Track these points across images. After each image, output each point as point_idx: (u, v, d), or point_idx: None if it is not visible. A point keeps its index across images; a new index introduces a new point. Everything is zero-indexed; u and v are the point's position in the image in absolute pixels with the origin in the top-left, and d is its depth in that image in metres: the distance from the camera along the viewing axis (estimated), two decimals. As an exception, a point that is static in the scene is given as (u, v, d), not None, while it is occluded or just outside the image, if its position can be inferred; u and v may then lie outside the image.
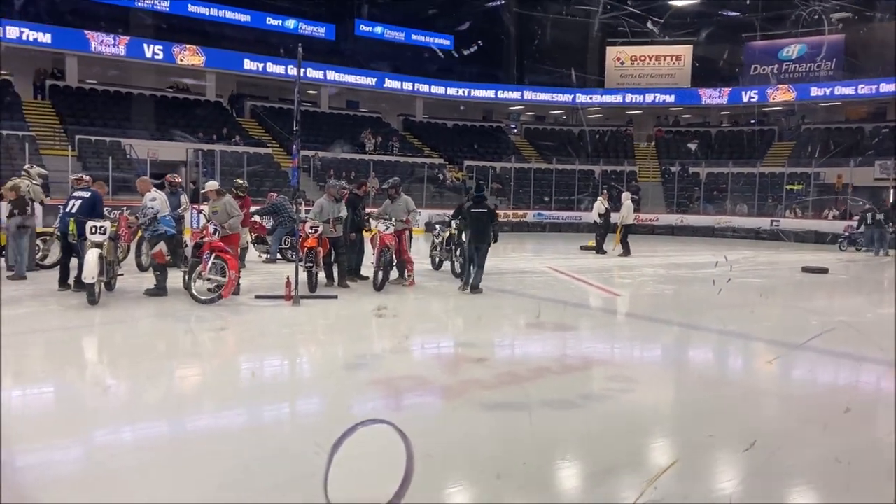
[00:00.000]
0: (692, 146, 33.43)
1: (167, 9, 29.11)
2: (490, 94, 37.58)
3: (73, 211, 8.76)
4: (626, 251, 16.68)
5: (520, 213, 29.76)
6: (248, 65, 31.17)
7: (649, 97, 37.56)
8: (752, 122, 38.57)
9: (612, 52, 37.88)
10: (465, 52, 34.65)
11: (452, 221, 11.24)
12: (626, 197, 17.50)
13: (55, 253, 10.82)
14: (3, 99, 25.68)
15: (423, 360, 6.65)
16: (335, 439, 1.65)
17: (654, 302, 10.63)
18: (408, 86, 35.56)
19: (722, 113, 39.26)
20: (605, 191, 19.77)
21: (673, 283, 12.80)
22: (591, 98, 38.26)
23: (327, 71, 32.70)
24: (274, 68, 31.37)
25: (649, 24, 34.60)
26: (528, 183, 31.87)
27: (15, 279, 9.67)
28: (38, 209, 11.45)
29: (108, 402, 4.98)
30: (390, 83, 35.09)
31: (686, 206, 31.52)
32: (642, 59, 37.92)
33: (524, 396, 5.09)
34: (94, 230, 8.15)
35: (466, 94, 37.19)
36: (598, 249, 17.30)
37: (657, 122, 39.30)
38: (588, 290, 11.40)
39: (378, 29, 34.28)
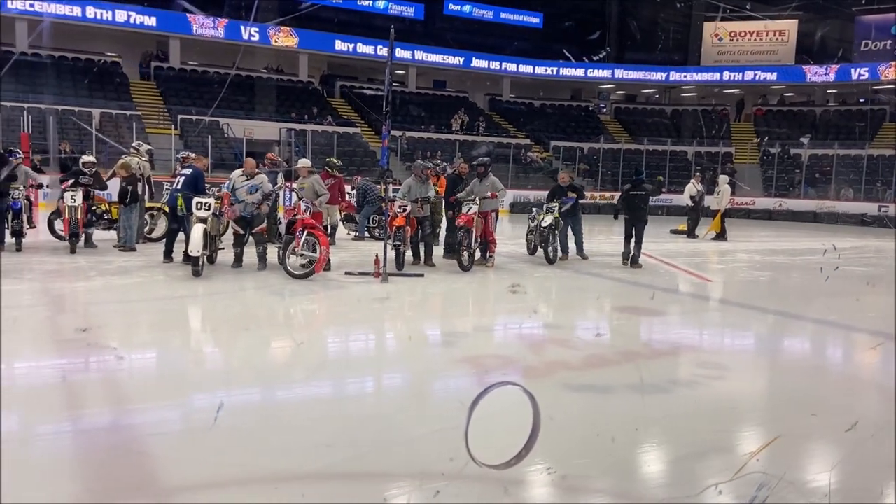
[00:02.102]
0: (804, 140, 31.51)
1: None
2: (579, 72, 36.78)
3: (179, 187, 9.27)
4: (723, 236, 16.10)
5: (608, 195, 29.12)
6: (340, 45, 31.74)
7: (749, 75, 35.77)
8: (861, 101, 36.12)
9: (709, 28, 36.26)
10: (555, 30, 34.01)
11: (547, 206, 10.90)
12: (723, 180, 16.83)
13: (161, 227, 11.48)
14: (112, 80, 27.29)
15: (508, 339, 6.68)
16: (473, 398, 1.83)
17: (749, 289, 10.24)
18: (495, 65, 35.30)
19: (828, 91, 36.97)
20: (698, 172, 19.08)
21: (770, 270, 12.26)
22: (685, 76, 36.84)
23: (415, 51, 32.89)
24: (364, 49, 31.82)
25: (751, -2, 32.89)
26: (616, 164, 31.14)
27: (125, 250, 10.33)
28: (146, 185, 12.12)
29: (211, 366, 5.28)
30: (477, 62, 34.92)
31: (786, 190, 30.00)
32: (742, 34, 36.12)
33: (611, 379, 5.05)
34: (199, 206, 8.58)
35: (555, 72, 36.54)
36: (690, 233, 16.77)
37: (757, 100, 37.45)
38: (678, 274, 11.10)
39: (467, 7, 34.14)
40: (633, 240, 10.79)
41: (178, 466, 3.40)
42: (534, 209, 11.32)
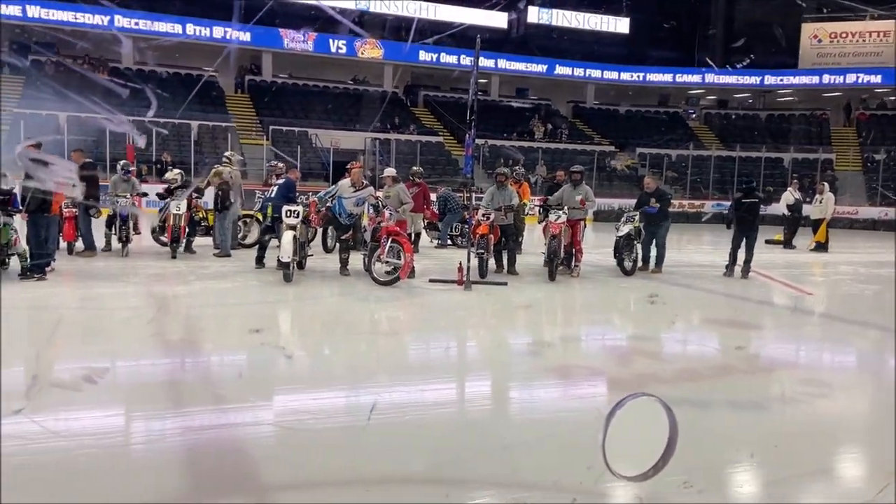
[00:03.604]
0: None
1: (353, 5, 30.71)
2: (667, 77, 35.86)
3: (271, 196, 9.64)
4: (824, 247, 15.28)
5: (697, 203, 28.23)
6: (423, 56, 32.22)
7: (850, 77, 33.90)
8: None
9: (808, 30, 34.63)
10: (642, 35, 33.30)
11: (627, 215, 10.59)
12: (826, 188, 15.99)
13: (254, 233, 11.92)
14: (210, 93, 28.67)
15: (595, 350, 6.56)
16: (609, 409, 1.85)
17: (852, 303, 9.66)
18: (579, 72, 34.92)
19: (940, 93, 34.57)
20: (796, 180, 18.20)
21: (875, 283, 11.53)
22: (781, 80, 35.31)
23: (498, 59, 32.97)
24: (447, 58, 32.16)
25: (854, -3, 31.18)
26: (706, 171, 30.12)
27: (220, 256, 10.79)
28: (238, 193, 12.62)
29: (301, 369, 5.42)
30: (561, 69, 34.65)
31: (893, 199, 28.19)
32: (843, 35, 34.30)
33: (705, 394, 4.86)
34: (289, 213, 8.87)
35: (641, 78, 35.77)
36: (787, 244, 16.00)
37: (859, 104, 35.41)
38: (775, 287, 10.60)
39: (551, 14, 33.91)
40: (741, 250, 10.50)
41: (273, 466, 3.50)
42: (621, 219, 10.97)
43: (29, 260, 8.22)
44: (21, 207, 8.23)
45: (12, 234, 8.21)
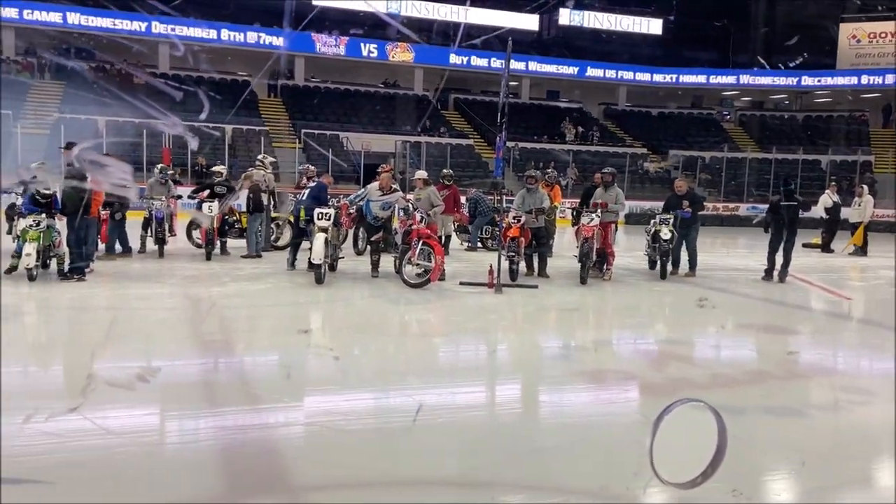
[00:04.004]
0: None
1: (383, 10, 30.93)
2: (700, 79, 35.38)
3: (303, 199, 9.74)
4: (863, 250, 14.93)
5: (731, 205, 27.78)
6: (454, 59, 32.26)
7: (889, 78, 33.03)
8: None
9: (846, 30, 33.90)
10: (675, 36, 32.92)
11: (661, 217, 10.42)
12: (865, 191, 15.62)
13: (286, 236, 12.04)
14: (242, 97, 29.05)
15: (627, 355, 6.49)
16: (657, 415, 1.85)
17: (892, 308, 9.40)
18: (611, 73, 34.64)
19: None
20: (833, 183, 17.82)
21: (917, 289, 11.22)
22: (819, 80, 34.59)
23: (529, 62, 32.87)
24: (478, 61, 32.17)
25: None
26: (741, 174, 29.63)
27: (249, 257, 10.91)
28: (271, 196, 12.75)
29: (332, 370, 5.45)
30: (593, 71, 34.42)
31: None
32: (883, 36, 33.49)
33: (742, 400, 4.78)
34: (320, 216, 8.94)
35: (674, 79, 35.34)
36: (825, 247, 15.65)
37: (899, 105, 34.54)
38: (812, 291, 10.38)
39: (582, 16, 33.70)
40: (778, 254, 10.28)
41: (306, 466, 3.53)
42: (651, 221, 10.81)
43: (68, 261, 8.43)
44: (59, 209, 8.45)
45: (55, 236, 8.42)
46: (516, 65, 31.84)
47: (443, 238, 11.17)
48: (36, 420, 3.79)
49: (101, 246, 10.25)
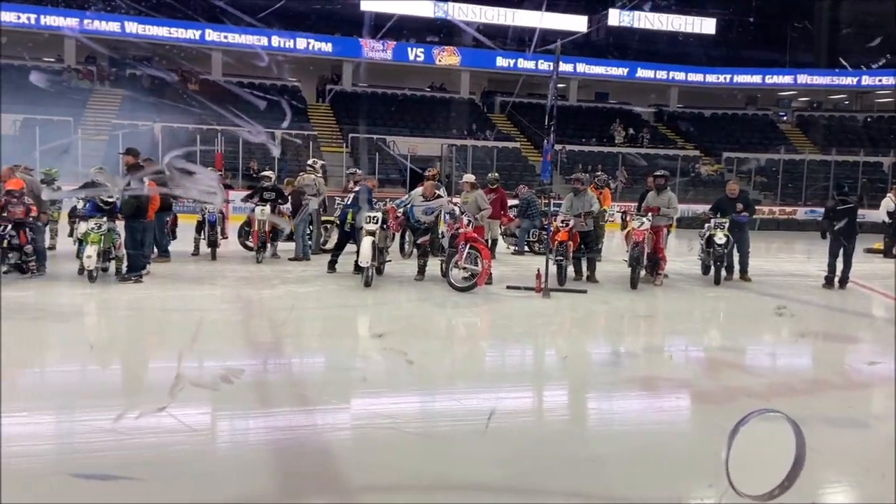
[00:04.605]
0: None
1: (430, 14, 31.02)
2: (756, 79, 34.45)
3: (349, 203, 9.85)
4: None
5: (788, 209, 26.95)
6: (501, 62, 32.18)
7: (958, 76, 31.65)
8: None
9: (909, 26, 32.54)
10: (729, 36, 32.12)
11: (716, 221, 10.13)
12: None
13: (335, 239, 12.16)
14: (292, 104, 29.53)
15: (680, 361, 6.32)
16: (733, 426, 1.79)
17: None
18: (662, 74, 34.01)
19: None
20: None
21: None
22: (880, 80, 33.28)
23: (577, 63, 32.56)
24: (525, 64, 32.01)
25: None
26: (798, 176, 28.71)
27: (293, 260, 11.05)
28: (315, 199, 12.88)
29: (382, 373, 5.46)
30: (643, 72, 33.87)
31: None
32: (950, 31, 32.04)
33: (800, 410, 4.59)
34: (368, 220, 9.00)
35: (728, 80, 34.48)
36: (887, 252, 15.03)
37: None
38: (874, 298, 9.97)
39: (632, 16, 33.18)
40: (839, 260, 9.93)
41: (353, 468, 3.53)
42: (706, 225, 10.54)
43: (126, 263, 8.69)
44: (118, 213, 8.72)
45: (116, 238, 8.69)
46: (564, 67, 31.53)
47: (489, 242, 11.12)
48: (127, 417, 3.91)
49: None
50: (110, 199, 8.69)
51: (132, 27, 27.67)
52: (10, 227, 8.28)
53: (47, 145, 17.82)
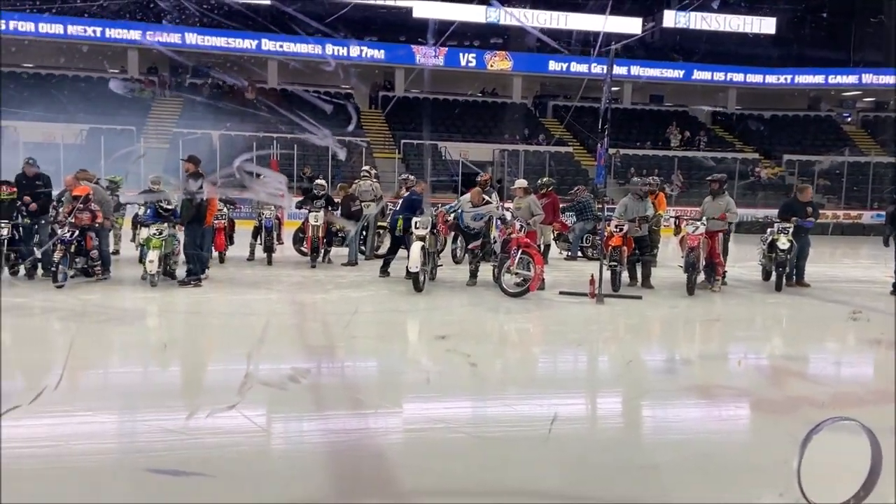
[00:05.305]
0: None
1: (481, 19, 31.04)
2: (818, 79, 33.30)
3: (399, 209, 9.95)
4: None
5: (853, 213, 25.97)
6: (553, 66, 31.98)
7: None
8: None
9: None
10: (790, 35, 31.14)
11: (780, 226, 9.80)
12: None
13: (387, 244, 12.26)
14: (345, 110, 29.94)
15: (739, 370, 6.13)
16: (805, 434, 1.74)
17: None
18: (719, 76, 33.20)
19: None
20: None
21: None
22: (951, 78, 31.77)
23: (631, 66, 32.08)
24: (578, 67, 31.73)
25: None
26: (864, 179, 27.64)
27: (347, 265, 11.18)
28: (374, 205, 13.02)
29: (434, 378, 5.45)
30: (699, 74, 33.13)
31: None
32: None
33: (866, 421, 4.39)
34: (417, 225, 9.05)
35: (789, 80, 33.45)
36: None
37: None
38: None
39: (688, 17, 32.51)
40: None
41: (405, 471, 3.53)
42: (768, 230, 10.22)
43: (185, 268, 8.94)
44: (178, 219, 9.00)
45: (176, 244, 8.96)
46: (618, 69, 31.05)
47: (541, 247, 11.03)
48: (198, 416, 4.04)
49: (216, 253, 10.79)
50: (170, 206, 8.98)
51: (192, 38, 28.54)
52: (77, 232, 8.61)
53: (121, 151, 18.50)
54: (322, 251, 11.26)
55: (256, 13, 26.73)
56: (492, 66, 31.34)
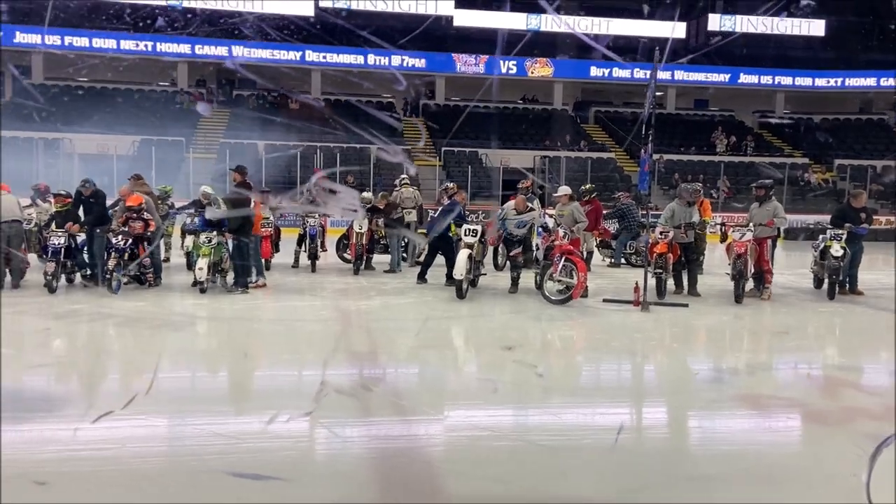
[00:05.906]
0: None
1: (523, 27, 30.96)
2: (870, 81, 32.33)
3: (437, 217, 10.06)
4: None
5: (908, 219, 25.06)
6: (594, 71, 31.75)
7: None
8: None
9: None
10: (840, 37, 30.30)
11: (833, 233, 9.50)
12: None
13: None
14: (390, 118, 30.22)
15: (790, 380, 5.99)
16: (875, 447, 1.72)
17: None
18: (766, 79, 32.48)
19: None
20: None
21: None
22: None
23: (675, 70, 31.61)
24: (619, 73, 31.43)
25: None
26: (919, 184, 26.69)
27: (389, 272, 11.26)
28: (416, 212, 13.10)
29: (477, 385, 5.46)
30: (746, 78, 32.46)
31: None
32: None
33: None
34: (467, 232, 9.06)
35: (839, 83, 32.55)
36: None
37: None
38: None
39: (734, 21, 31.90)
40: None
41: (452, 479, 3.55)
42: (821, 237, 9.96)
43: (233, 275, 9.14)
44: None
45: (224, 252, 9.17)
46: (662, 74, 30.55)
47: (584, 254, 10.95)
48: (279, 421, 4.18)
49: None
50: (218, 211, 9.18)
51: (238, 50, 29.18)
52: (130, 241, 8.87)
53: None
54: (365, 258, 11.38)
55: (300, 28, 27.27)
56: (532, 73, 31.27)
